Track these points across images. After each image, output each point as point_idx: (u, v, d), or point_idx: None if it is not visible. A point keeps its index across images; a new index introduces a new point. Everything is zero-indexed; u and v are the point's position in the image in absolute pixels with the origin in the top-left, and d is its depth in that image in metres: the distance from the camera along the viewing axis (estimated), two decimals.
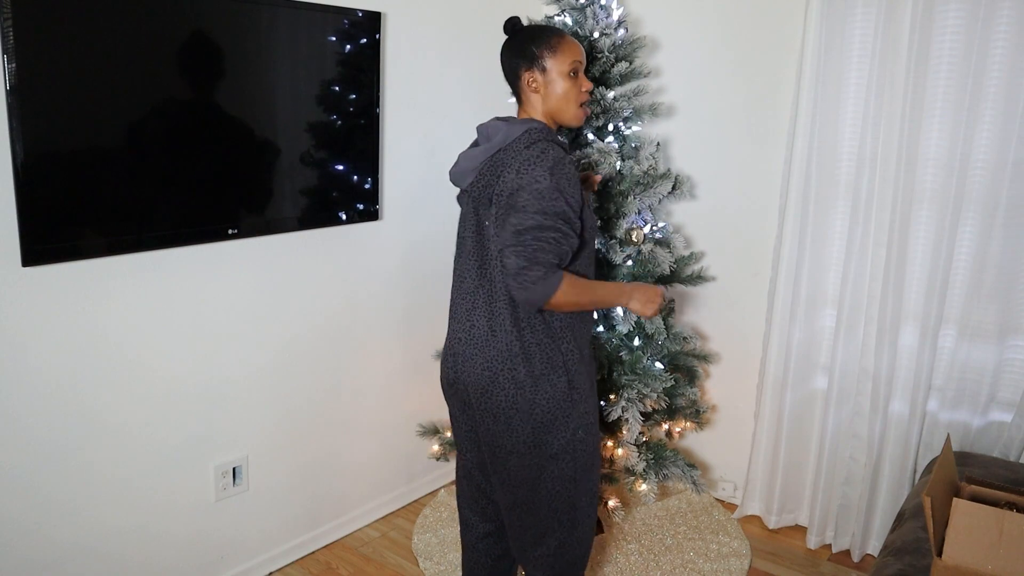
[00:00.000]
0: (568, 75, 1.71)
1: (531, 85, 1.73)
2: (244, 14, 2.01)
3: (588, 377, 1.79)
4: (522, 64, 1.72)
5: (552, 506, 1.76)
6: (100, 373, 1.95)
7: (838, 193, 2.51)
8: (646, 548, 2.59)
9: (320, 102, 2.26)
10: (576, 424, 1.73)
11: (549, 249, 1.57)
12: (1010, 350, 2.30)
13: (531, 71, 1.71)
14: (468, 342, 1.71)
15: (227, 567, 2.35)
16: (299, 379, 2.45)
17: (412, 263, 2.75)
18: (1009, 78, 2.15)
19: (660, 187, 2.35)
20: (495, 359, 1.68)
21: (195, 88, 1.96)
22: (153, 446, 2.10)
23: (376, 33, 2.36)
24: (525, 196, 1.58)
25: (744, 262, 2.81)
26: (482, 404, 1.71)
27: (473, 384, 1.71)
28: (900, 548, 1.74)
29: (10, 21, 1.60)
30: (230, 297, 2.21)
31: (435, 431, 2.65)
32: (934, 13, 2.21)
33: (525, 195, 1.58)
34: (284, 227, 2.26)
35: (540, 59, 1.71)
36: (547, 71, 1.71)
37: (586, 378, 1.78)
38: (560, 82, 1.72)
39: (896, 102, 2.31)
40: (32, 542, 1.89)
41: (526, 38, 1.72)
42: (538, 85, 1.72)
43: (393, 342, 2.75)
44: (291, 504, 2.51)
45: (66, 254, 1.80)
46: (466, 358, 1.71)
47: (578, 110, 1.76)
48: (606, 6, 2.34)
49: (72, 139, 1.75)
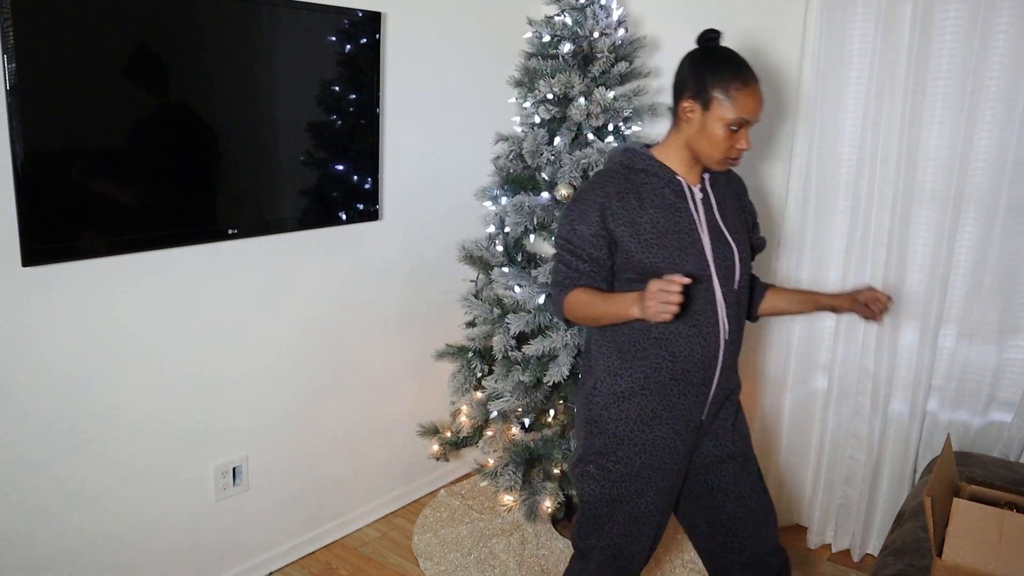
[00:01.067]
0: (728, 127, 1.55)
1: (687, 113, 1.58)
2: (244, 14, 2.01)
3: (639, 403, 1.66)
4: (688, 89, 1.57)
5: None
6: (100, 374, 1.95)
7: (838, 193, 2.51)
8: None
9: (320, 102, 2.26)
10: (589, 451, 1.72)
11: (558, 271, 1.68)
12: (1010, 350, 2.30)
13: (694, 101, 1.56)
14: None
15: (227, 567, 2.35)
16: (299, 379, 2.45)
17: (412, 263, 2.75)
18: (1009, 78, 2.15)
19: None
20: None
21: (195, 88, 1.96)
22: (153, 446, 2.10)
23: (376, 33, 2.36)
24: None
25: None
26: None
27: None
28: (900, 548, 1.74)
29: (10, 21, 1.60)
30: (230, 297, 2.21)
31: (435, 431, 2.65)
32: (934, 13, 2.21)
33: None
34: (284, 227, 2.26)
35: (709, 96, 1.54)
36: (710, 111, 1.55)
37: (629, 402, 1.66)
38: (716, 129, 1.55)
39: (896, 102, 2.31)
40: (27, 544, 1.89)
41: (707, 65, 1.55)
42: (693, 118, 1.58)
43: (393, 342, 2.75)
44: (291, 504, 2.51)
45: (66, 254, 1.80)
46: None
47: (722, 161, 1.61)
48: (606, 6, 2.33)
49: (72, 139, 1.75)
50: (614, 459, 1.68)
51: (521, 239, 2.47)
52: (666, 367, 1.62)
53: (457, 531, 2.67)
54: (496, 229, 2.45)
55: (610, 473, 1.69)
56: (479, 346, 2.51)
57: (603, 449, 1.69)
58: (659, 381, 1.63)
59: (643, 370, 1.64)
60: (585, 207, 1.62)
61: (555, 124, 2.36)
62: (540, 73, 2.31)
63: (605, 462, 1.69)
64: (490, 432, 2.46)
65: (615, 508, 1.70)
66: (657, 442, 1.66)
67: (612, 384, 1.67)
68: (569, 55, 2.32)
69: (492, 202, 2.43)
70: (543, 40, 2.36)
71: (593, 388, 1.70)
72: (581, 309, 1.63)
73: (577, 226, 1.63)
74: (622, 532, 1.71)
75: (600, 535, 1.73)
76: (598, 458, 1.70)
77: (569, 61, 2.33)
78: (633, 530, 1.71)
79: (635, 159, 1.65)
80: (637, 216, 1.60)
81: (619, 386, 1.66)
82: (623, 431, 1.67)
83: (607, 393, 1.68)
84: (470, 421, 2.53)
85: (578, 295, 1.63)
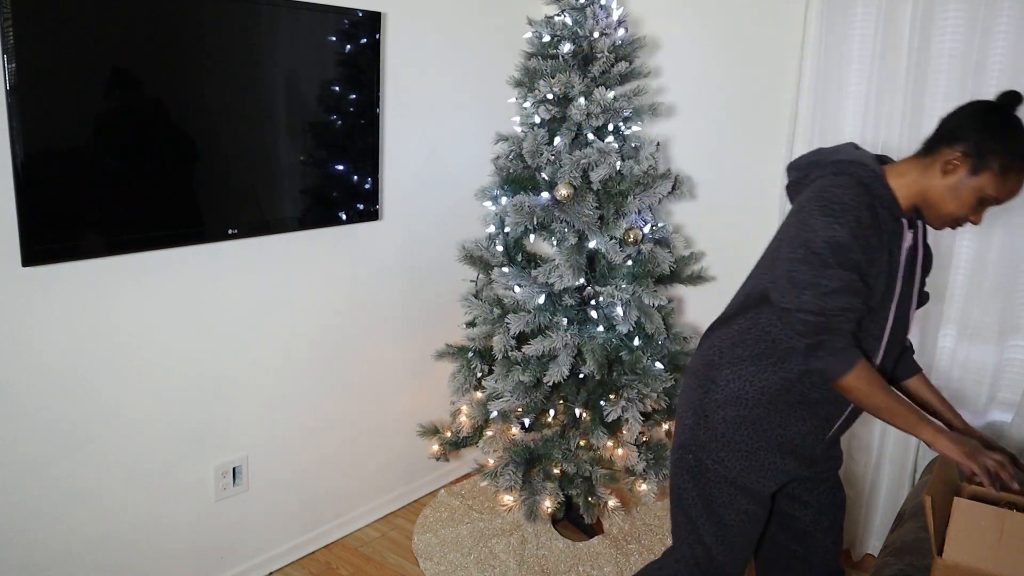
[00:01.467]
0: (978, 199, 1.44)
1: (948, 164, 1.44)
2: (244, 14, 2.01)
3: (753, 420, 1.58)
4: (965, 143, 1.42)
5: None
6: (100, 374, 1.95)
7: None
8: (646, 548, 2.59)
9: (320, 102, 2.26)
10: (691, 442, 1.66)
11: (846, 308, 1.47)
12: (1010, 350, 2.30)
13: (964, 160, 1.43)
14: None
15: (227, 567, 2.35)
16: (299, 379, 2.45)
17: (412, 263, 2.75)
18: (1009, 78, 2.15)
19: (660, 187, 2.35)
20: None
21: (195, 88, 1.95)
22: (153, 446, 2.10)
23: (376, 33, 2.36)
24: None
25: (744, 262, 2.80)
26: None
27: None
28: (900, 548, 1.74)
29: (10, 21, 1.60)
30: (230, 297, 2.21)
31: (435, 431, 2.65)
32: (934, 13, 2.21)
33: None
34: (284, 227, 2.26)
35: (985, 164, 1.41)
36: (973, 177, 1.43)
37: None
38: (970, 197, 1.44)
39: (896, 102, 2.31)
40: (27, 544, 1.89)
41: (998, 133, 1.41)
42: (950, 173, 1.44)
43: (393, 342, 2.75)
44: (291, 504, 2.51)
45: (66, 254, 1.79)
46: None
47: (947, 224, 1.51)
48: (606, 6, 2.33)
49: (72, 139, 1.75)
50: (715, 458, 1.62)
51: (521, 239, 2.47)
52: (798, 388, 1.55)
53: (457, 531, 2.67)
54: (496, 229, 2.45)
55: (707, 471, 1.63)
56: (479, 346, 2.51)
57: (706, 444, 1.63)
58: (788, 401, 1.56)
59: (776, 384, 1.56)
60: (859, 223, 1.41)
61: (555, 124, 2.36)
62: (540, 73, 2.31)
63: (704, 457, 1.63)
64: (490, 432, 2.46)
65: (708, 508, 1.65)
66: (763, 459, 1.60)
67: (739, 387, 1.59)
68: (569, 55, 2.32)
69: (492, 202, 2.43)
70: (543, 40, 2.36)
71: (713, 381, 1.62)
72: (871, 386, 1.44)
73: (861, 243, 1.40)
74: (712, 535, 1.66)
75: (691, 532, 1.69)
76: (699, 451, 1.63)
77: (569, 61, 2.33)
78: (723, 536, 1.66)
79: (874, 184, 1.47)
80: (875, 251, 1.45)
81: (746, 391, 1.58)
82: (732, 434, 1.60)
83: (730, 393, 1.59)
84: (470, 421, 2.53)
85: (870, 369, 1.44)
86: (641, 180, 2.35)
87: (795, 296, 1.44)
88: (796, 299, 1.44)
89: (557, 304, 2.37)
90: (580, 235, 2.35)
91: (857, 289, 1.42)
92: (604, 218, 2.35)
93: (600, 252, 2.36)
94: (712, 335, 1.69)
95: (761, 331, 1.57)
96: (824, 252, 1.41)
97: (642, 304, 2.36)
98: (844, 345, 1.44)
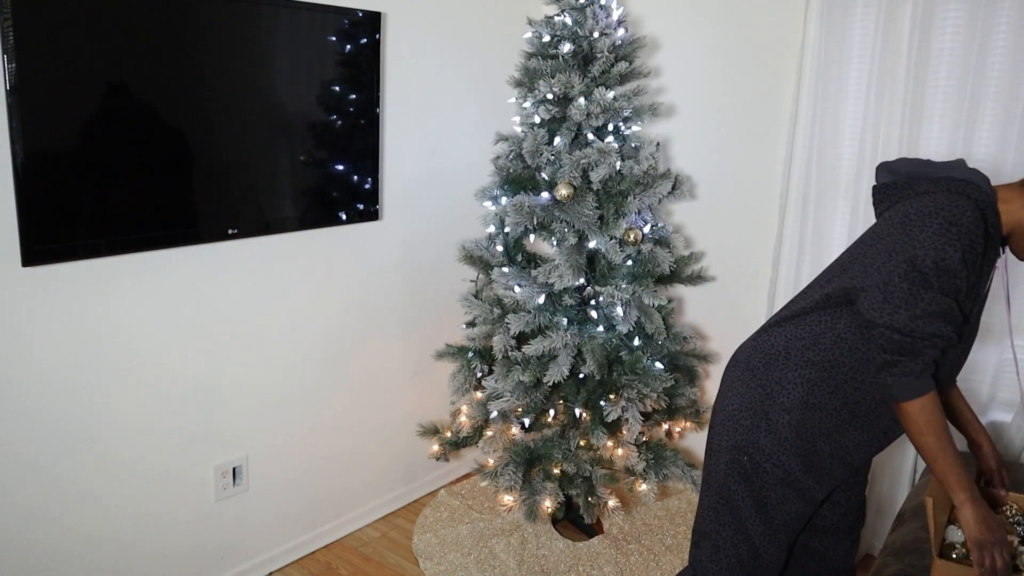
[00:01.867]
0: None
1: None
2: (244, 14, 2.01)
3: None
4: None
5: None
6: (100, 374, 1.95)
7: (838, 193, 2.50)
8: (646, 548, 2.59)
9: (320, 102, 2.26)
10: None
11: (935, 336, 1.42)
12: (1010, 350, 2.30)
13: None
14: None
15: (227, 567, 2.35)
16: (299, 379, 2.45)
17: (412, 263, 2.75)
18: (1009, 78, 2.15)
19: (660, 187, 2.35)
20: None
21: (195, 88, 1.95)
22: (153, 446, 2.10)
23: (376, 33, 2.36)
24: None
25: (744, 262, 2.81)
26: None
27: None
28: (900, 548, 1.74)
29: (10, 21, 1.60)
30: (229, 297, 2.21)
31: (435, 431, 2.65)
32: (934, 13, 2.21)
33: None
34: (284, 227, 2.26)
35: None
36: None
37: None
38: None
39: (896, 102, 2.31)
40: (27, 544, 1.89)
41: None
42: None
43: (393, 342, 2.75)
44: (291, 504, 2.51)
45: (66, 254, 1.79)
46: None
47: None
48: (606, 6, 2.33)
49: (72, 139, 1.75)
50: (775, 462, 1.58)
51: (521, 239, 2.47)
52: (866, 402, 1.53)
53: (457, 531, 2.67)
54: (496, 229, 2.45)
55: (763, 473, 1.59)
56: (479, 346, 2.52)
57: (766, 447, 1.59)
58: (852, 410, 1.54)
59: (845, 393, 1.53)
60: (973, 250, 1.35)
61: (555, 124, 2.36)
62: (540, 73, 2.31)
63: (763, 461, 1.59)
64: (490, 432, 2.46)
65: (762, 509, 1.62)
66: (820, 463, 1.58)
67: (807, 392, 1.55)
68: (569, 55, 2.32)
69: (492, 202, 2.43)
70: (543, 40, 2.36)
71: (778, 383, 1.57)
72: (930, 420, 1.39)
73: (969, 269, 1.35)
74: (761, 534, 1.63)
75: (738, 532, 1.65)
76: (757, 454, 1.59)
77: (569, 61, 2.33)
78: (772, 535, 1.63)
79: (988, 209, 1.41)
80: (974, 279, 1.40)
81: (814, 397, 1.55)
82: (795, 438, 1.56)
83: (797, 398, 1.55)
84: (470, 421, 2.53)
85: (937, 404, 1.39)
86: (641, 180, 2.35)
87: (889, 312, 1.38)
88: (889, 316, 1.38)
89: (557, 304, 2.37)
90: (580, 235, 2.35)
91: (953, 317, 1.37)
92: (604, 218, 2.35)
93: (600, 252, 2.36)
94: (775, 330, 1.62)
95: (837, 337, 1.51)
96: (930, 273, 1.35)
97: (642, 304, 2.36)
98: (922, 370, 1.38)
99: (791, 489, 1.60)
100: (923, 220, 1.37)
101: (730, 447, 1.64)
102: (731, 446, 1.64)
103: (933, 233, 1.35)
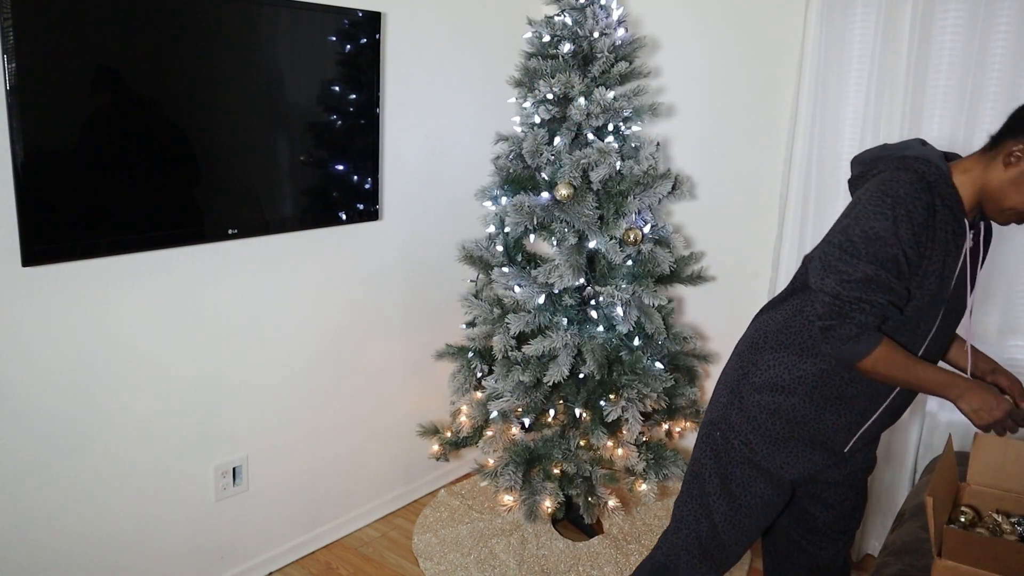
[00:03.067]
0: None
1: (1008, 158, 1.42)
2: (244, 14, 2.01)
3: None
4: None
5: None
6: (100, 374, 1.95)
7: (838, 193, 2.50)
8: (646, 548, 2.59)
9: (320, 102, 2.26)
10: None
11: (870, 300, 1.46)
12: (1010, 350, 2.30)
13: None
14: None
15: (227, 567, 2.35)
16: (299, 379, 2.45)
17: (412, 263, 2.75)
18: (1009, 78, 2.15)
19: (660, 187, 2.35)
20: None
21: (195, 88, 1.95)
22: (153, 446, 2.10)
23: (376, 33, 2.36)
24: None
25: (744, 262, 2.81)
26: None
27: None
28: (900, 548, 1.74)
29: (10, 21, 1.60)
30: (230, 297, 2.21)
31: (435, 431, 2.65)
32: (934, 13, 2.21)
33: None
34: (284, 227, 2.26)
35: None
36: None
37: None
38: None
39: (896, 102, 2.31)
40: (27, 544, 1.89)
41: None
42: (1012, 165, 1.42)
43: (393, 342, 2.75)
44: (291, 504, 2.51)
45: (66, 254, 1.80)
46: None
47: (1005, 217, 1.48)
48: (606, 6, 2.33)
49: (72, 139, 1.75)
50: (743, 440, 1.64)
51: (521, 239, 2.47)
52: (836, 382, 1.55)
53: (457, 531, 2.67)
54: (496, 229, 2.45)
55: (731, 449, 1.64)
56: (479, 346, 2.52)
57: (736, 425, 1.64)
58: (824, 394, 1.56)
59: (814, 375, 1.56)
60: (910, 219, 1.39)
61: (555, 124, 2.36)
62: (540, 73, 2.31)
63: (732, 437, 1.64)
64: (490, 432, 2.46)
65: (725, 486, 1.66)
66: (792, 449, 1.61)
67: (777, 374, 1.59)
68: (569, 55, 2.32)
69: (492, 202, 2.43)
70: (543, 40, 2.36)
71: (753, 364, 1.62)
72: (889, 368, 1.44)
73: (905, 238, 1.38)
74: (723, 513, 1.67)
75: (701, 506, 1.70)
76: (728, 431, 1.65)
77: (569, 61, 2.33)
78: (733, 516, 1.67)
79: (938, 181, 1.44)
80: (927, 249, 1.43)
81: (783, 379, 1.58)
82: (765, 420, 1.61)
83: (768, 378, 1.60)
84: (470, 421, 2.53)
85: (893, 352, 1.43)
86: (641, 180, 2.35)
87: (821, 277, 1.47)
88: (820, 280, 1.47)
89: (557, 304, 2.37)
90: (580, 235, 2.35)
91: (881, 284, 1.41)
92: (604, 218, 2.35)
93: (600, 252, 2.36)
94: (761, 317, 1.69)
95: (805, 319, 1.57)
96: (858, 242, 1.41)
97: (642, 304, 2.36)
98: (857, 334, 1.43)
99: (756, 470, 1.64)
100: (865, 196, 1.45)
101: (707, 422, 1.72)
102: (708, 421, 1.72)
103: (868, 206, 1.42)
